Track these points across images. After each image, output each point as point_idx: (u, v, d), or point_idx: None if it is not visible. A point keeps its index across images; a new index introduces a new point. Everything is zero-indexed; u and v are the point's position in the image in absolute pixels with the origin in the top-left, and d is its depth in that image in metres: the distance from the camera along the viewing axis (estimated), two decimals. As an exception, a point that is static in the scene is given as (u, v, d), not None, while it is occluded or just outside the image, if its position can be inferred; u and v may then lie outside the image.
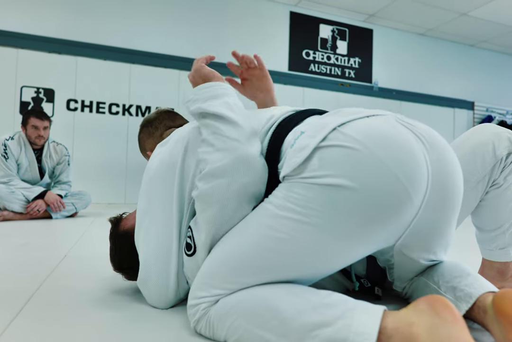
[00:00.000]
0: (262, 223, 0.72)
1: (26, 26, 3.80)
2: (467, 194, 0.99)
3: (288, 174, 0.72)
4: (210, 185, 0.76)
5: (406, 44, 5.47)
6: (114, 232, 1.02)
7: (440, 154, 0.73)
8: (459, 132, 5.72)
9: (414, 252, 0.79)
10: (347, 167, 0.67)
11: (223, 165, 0.76)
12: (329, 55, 5.08)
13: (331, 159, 0.68)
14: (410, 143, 0.70)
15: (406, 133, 0.72)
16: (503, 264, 1.07)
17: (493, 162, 0.97)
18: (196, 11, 4.42)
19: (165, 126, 1.25)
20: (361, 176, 0.66)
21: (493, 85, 6.04)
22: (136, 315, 0.85)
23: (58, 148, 2.95)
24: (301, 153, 0.71)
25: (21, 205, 2.65)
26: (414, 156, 0.69)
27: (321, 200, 0.67)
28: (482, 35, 5.44)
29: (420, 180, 0.69)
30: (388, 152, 0.68)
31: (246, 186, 0.76)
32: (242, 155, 0.76)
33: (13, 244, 1.73)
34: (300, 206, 0.68)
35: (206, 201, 0.78)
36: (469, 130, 1.07)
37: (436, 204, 0.72)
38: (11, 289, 1.02)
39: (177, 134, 0.96)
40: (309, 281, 0.74)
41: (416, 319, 0.57)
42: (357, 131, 0.70)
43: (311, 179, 0.68)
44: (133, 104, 4.17)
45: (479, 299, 0.72)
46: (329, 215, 0.66)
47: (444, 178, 0.72)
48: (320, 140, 0.70)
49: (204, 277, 0.74)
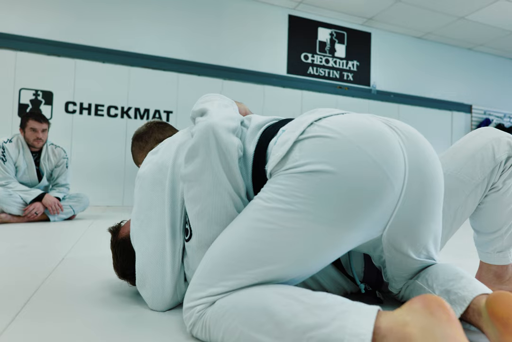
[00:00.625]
0: (251, 217, 0.73)
1: (24, 29, 3.80)
2: (466, 197, 1.00)
3: (273, 168, 0.75)
4: (189, 166, 0.81)
5: (404, 48, 5.50)
6: (114, 241, 1.03)
7: (415, 145, 0.77)
8: (457, 135, 5.74)
9: (402, 245, 0.80)
10: (325, 154, 0.70)
11: (194, 142, 0.81)
12: (328, 58, 5.10)
13: (310, 148, 0.72)
14: (385, 132, 0.74)
15: (381, 125, 0.76)
16: (500, 267, 1.07)
17: (492, 166, 0.98)
18: (195, 14, 4.43)
19: (155, 140, 1.26)
20: (339, 160, 0.69)
21: (490, 89, 6.06)
22: (134, 317, 0.85)
23: (57, 151, 2.95)
24: (282, 147, 0.75)
25: (19, 208, 2.65)
26: (390, 143, 0.73)
27: (304, 187, 0.69)
28: (480, 38, 5.47)
29: (398, 166, 0.72)
30: (364, 139, 0.72)
31: (220, 156, 0.79)
32: (205, 126, 0.81)
33: (11, 246, 1.72)
34: (285, 196, 0.70)
35: (188, 181, 0.82)
36: (469, 133, 1.08)
37: (416, 192, 0.75)
38: (9, 291, 1.02)
39: (169, 141, 0.98)
40: (306, 274, 0.75)
41: (410, 319, 0.57)
42: (333, 124, 0.75)
43: (293, 168, 0.71)
44: (131, 107, 4.17)
45: (473, 301, 0.72)
46: (313, 201, 0.69)
47: (421, 166, 0.76)
48: (299, 133, 0.75)
49: (200, 278, 0.74)
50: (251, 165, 0.83)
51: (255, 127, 0.89)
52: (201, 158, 0.79)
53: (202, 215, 0.80)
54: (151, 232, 0.87)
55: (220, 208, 0.79)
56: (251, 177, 0.83)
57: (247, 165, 0.83)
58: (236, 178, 0.80)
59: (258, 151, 0.83)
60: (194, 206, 0.81)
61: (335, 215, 0.69)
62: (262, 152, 0.82)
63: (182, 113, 4.30)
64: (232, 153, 0.79)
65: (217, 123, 0.81)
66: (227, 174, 0.79)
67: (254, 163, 0.82)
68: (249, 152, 0.84)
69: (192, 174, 0.80)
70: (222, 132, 0.80)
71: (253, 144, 0.85)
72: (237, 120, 0.86)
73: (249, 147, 0.85)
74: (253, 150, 0.84)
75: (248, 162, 0.83)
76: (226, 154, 0.79)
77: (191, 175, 0.80)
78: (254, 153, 0.83)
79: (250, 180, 0.83)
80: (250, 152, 0.84)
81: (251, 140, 0.86)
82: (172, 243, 0.86)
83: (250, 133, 0.87)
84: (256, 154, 0.83)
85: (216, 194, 0.78)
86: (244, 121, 0.93)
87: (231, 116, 0.86)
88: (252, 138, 0.86)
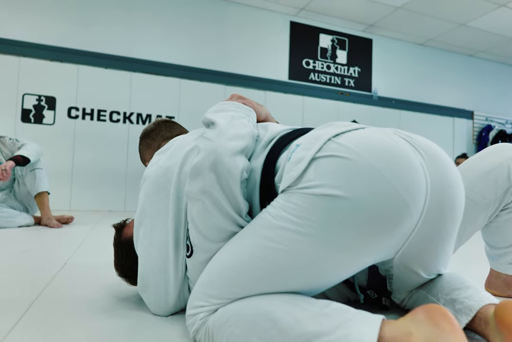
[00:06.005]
0: (259, 233, 0.71)
1: (28, 35, 3.83)
2: (477, 216, 0.98)
3: (286, 187, 0.71)
4: (192, 183, 0.79)
5: (405, 54, 5.52)
6: (117, 239, 1.02)
7: (439, 166, 0.72)
8: (459, 142, 5.74)
9: (414, 265, 0.78)
10: (342, 178, 0.66)
11: (196, 163, 0.78)
12: (329, 64, 5.12)
13: (326, 169, 0.68)
14: (407, 154, 0.69)
15: (404, 145, 0.71)
16: (510, 276, 1.09)
17: (507, 187, 0.96)
18: (197, 21, 4.46)
19: (162, 137, 1.26)
20: (357, 186, 0.65)
21: (492, 95, 6.07)
22: (137, 323, 0.85)
23: (4, 141, 2.72)
24: (297, 166, 0.71)
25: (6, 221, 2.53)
26: (412, 168, 0.68)
27: (316, 210, 0.66)
28: (481, 45, 5.49)
29: (419, 191, 0.67)
30: (385, 163, 0.67)
31: (219, 180, 0.76)
32: (209, 148, 0.78)
33: (12, 251, 1.72)
34: (296, 216, 0.67)
35: (190, 198, 0.80)
36: (486, 149, 1.05)
37: (435, 217, 0.70)
38: (11, 296, 1.02)
39: (177, 142, 0.96)
40: (309, 293, 0.73)
41: (414, 329, 0.56)
42: (353, 142, 0.70)
43: (306, 189, 0.68)
44: (133, 112, 4.19)
45: (480, 311, 0.71)
46: (324, 226, 0.66)
47: (443, 190, 0.71)
48: (316, 151, 0.70)
49: (202, 287, 0.74)
50: (259, 178, 0.81)
51: (267, 140, 0.86)
52: (201, 179, 0.77)
53: (201, 234, 0.79)
54: (155, 238, 0.87)
55: (219, 229, 0.77)
56: (258, 188, 0.81)
57: (255, 178, 0.81)
58: (238, 200, 0.77)
59: (267, 163, 0.81)
60: (195, 224, 0.80)
61: (347, 242, 0.66)
62: (272, 163, 0.80)
63: (184, 118, 4.31)
64: (234, 177, 0.76)
65: (222, 146, 0.78)
66: (227, 197, 0.76)
67: (263, 175, 0.80)
68: (257, 165, 0.82)
69: (194, 192, 0.78)
70: (226, 155, 0.77)
71: (262, 157, 0.83)
72: (247, 138, 0.82)
73: (258, 160, 0.83)
74: (262, 163, 0.81)
75: (256, 175, 0.81)
76: (228, 178, 0.76)
77: (193, 193, 0.79)
78: (263, 165, 0.81)
79: (257, 191, 0.81)
80: (259, 165, 0.82)
81: (261, 153, 0.84)
82: (176, 250, 0.85)
83: (261, 147, 0.85)
84: (265, 167, 0.81)
85: (215, 215, 0.77)
86: (260, 133, 0.89)
87: (241, 135, 0.82)
88: (262, 152, 0.84)
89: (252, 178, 0.81)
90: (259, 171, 0.81)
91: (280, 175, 0.77)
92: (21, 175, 2.70)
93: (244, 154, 0.80)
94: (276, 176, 0.79)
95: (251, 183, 0.81)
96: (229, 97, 1.06)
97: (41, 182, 2.67)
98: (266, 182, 0.80)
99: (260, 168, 0.81)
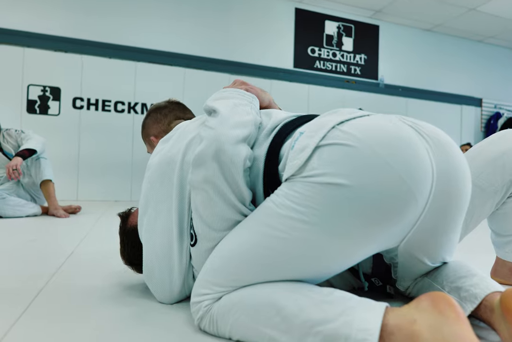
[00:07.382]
0: (262, 221, 0.71)
1: (32, 25, 3.82)
2: (484, 203, 0.97)
3: (289, 176, 0.71)
4: (195, 172, 0.78)
5: (412, 40, 5.43)
6: (123, 228, 1.04)
7: (445, 153, 0.71)
8: (467, 129, 5.68)
9: (419, 253, 0.78)
10: (346, 166, 0.65)
11: (198, 152, 0.77)
12: (335, 52, 5.05)
13: (330, 157, 0.67)
14: (413, 140, 0.68)
15: (409, 131, 0.70)
16: None
17: None
18: (202, 9, 4.41)
19: (175, 116, 1.26)
20: (361, 175, 0.65)
21: (501, 82, 5.97)
22: (142, 311, 0.85)
23: (11, 133, 2.81)
24: (301, 154, 0.70)
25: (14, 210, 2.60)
26: (418, 155, 0.67)
27: (320, 199, 0.65)
28: (491, 30, 5.38)
29: (425, 179, 0.67)
30: (390, 150, 0.66)
31: (222, 168, 0.75)
32: (212, 137, 0.77)
33: (20, 240, 1.74)
34: (300, 205, 0.67)
35: (194, 187, 0.79)
36: (494, 135, 1.03)
37: (441, 205, 0.70)
38: (19, 285, 1.03)
39: (180, 130, 0.96)
40: (313, 281, 0.73)
41: (418, 317, 0.56)
42: (357, 129, 0.69)
43: (310, 177, 0.67)
44: (138, 102, 4.18)
45: (485, 298, 0.71)
46: (328, 215, 0.65)
47: (450, 178, 0.70)
48: (320, 139, 0.69)
49: (207, 275, 0.74)
50: (262, 167, 0.80)
51: (270, 128, 0.85)
52: (204, 169, 0.77)
53: (205, 223, 0.79)
54: (159, 227, 0.87)
55: (223, 218, 0.77)
56: (261, 177, 0.80)
57: (258, 167, 0.81)
58: (241, 189, 0.77)
59: (270, 152, 0.80)
60: (198, 212, 0.80)
61: (350, 230, 0.66)
62: (275, 152, 0.79)
63: (189, 108, 4.29)
64: (237, 166, 0.76)
65: (224, 134, 0.77)
66: (230, 186, 0.76)
67: (266, 164, 0.80)
68: (260, 154, 0.81)
69: (197, 181, 0.78)
70: (228, 143, 0.76)
71: (265, 145, 0.82)
72: (250, 126, 0.81)
73: (261, 148, 0.82)
74: (265, 151, 0.81)
75: (259, 163, 0.81)
76: (231, 166, 0.75)
77: (196, 182, 0.79)
78: (266, 154, 0.80)
79: (261, 180, 0.81)
80: (262, 153, 0.81)
81: (264, 141, 0.83)
82: (180, 238, 0.86)
83: (264, 135, 0.84)
84: (268, 155, 0.80)
85: (218, 204, 0.76)
86: (263, 120, 0.88)
87: (243, 122, 0.80)
88: (265, 140, 0.83)
89: (255, 166, 0.81)
90: (263, 159, 0.80)
91: (283, 163, 0.77)
92: (26, 166, 2.76)
93: (247, 142, 0.79)
94: (280, 164, 0.78)
95: (254, 172, 0.81)
96: (232, 83, 1.04)
97: (45, 170, 2.75)
98: (269, 170, 0.79)
99: (264, 156, 0.80)
